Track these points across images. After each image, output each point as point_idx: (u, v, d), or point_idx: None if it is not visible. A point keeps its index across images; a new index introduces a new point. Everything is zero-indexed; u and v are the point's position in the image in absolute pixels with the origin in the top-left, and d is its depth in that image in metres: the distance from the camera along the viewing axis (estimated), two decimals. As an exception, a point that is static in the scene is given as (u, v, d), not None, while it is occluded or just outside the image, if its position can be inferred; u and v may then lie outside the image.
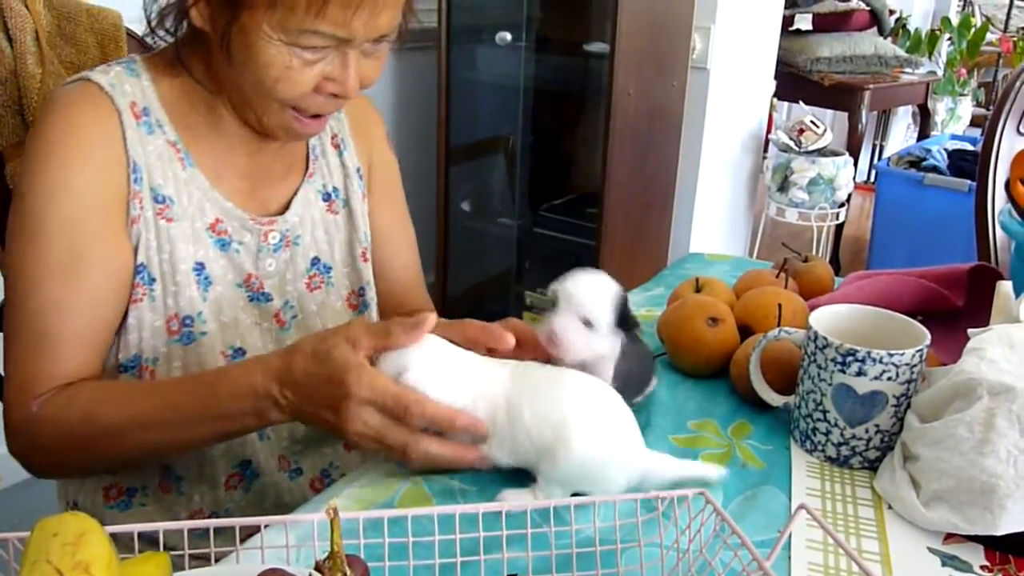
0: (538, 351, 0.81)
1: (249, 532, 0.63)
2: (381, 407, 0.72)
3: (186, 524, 0.57)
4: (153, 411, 0.82)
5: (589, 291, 0.79)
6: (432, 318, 0.74)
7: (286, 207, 0.97)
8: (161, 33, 0.89)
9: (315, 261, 1.00)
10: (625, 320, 0.80)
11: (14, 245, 0.85)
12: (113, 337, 0.88)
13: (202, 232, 0.90)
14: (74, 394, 0.83)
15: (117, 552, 0.48)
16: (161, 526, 0.57)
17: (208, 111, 0.90)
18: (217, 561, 0.59)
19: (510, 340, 0.80)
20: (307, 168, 1.00)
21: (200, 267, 0.90)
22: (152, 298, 0.88)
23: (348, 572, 0.46)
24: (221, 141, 0.92)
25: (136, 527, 0.56)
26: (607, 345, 0.80)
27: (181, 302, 0.89)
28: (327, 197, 1.01)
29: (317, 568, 0.47)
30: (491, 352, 0.80)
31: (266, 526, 0.62)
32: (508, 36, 2.68)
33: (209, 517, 0.95)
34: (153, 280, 0.88)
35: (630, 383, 0.84)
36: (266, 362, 0.79)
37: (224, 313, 0.92)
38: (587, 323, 0.78)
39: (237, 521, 0.58)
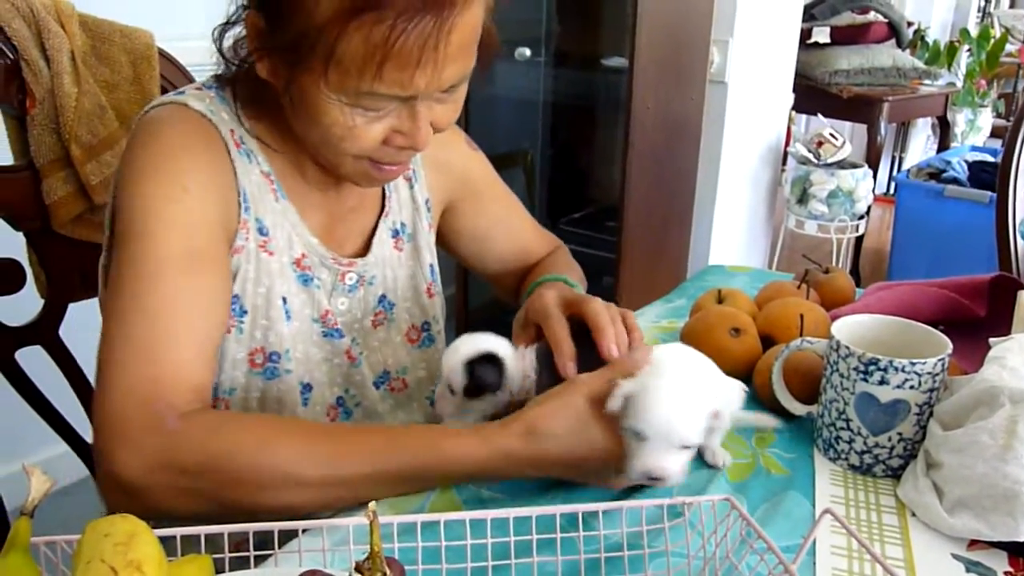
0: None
1: (287, 537, 0.65)
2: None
3: (227, 528, 0.58)
4: (353, 469, 0.73)
5: (450, 361, 0.82)
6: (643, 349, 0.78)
7: (365, 247, 0.97)
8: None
9: (382, 298, 0.99)
10: (481, 387, 0.81)
11: (123, 249, 0.79)
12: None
13: (288, 266, 0.89)
14: (233, 416, 0.80)
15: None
16: (203, 530, 0.58)
17: (289, 150, 0.89)
18: (256, 565, 0.61)
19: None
20: (383, 206, 1.00)
21: (284, 300, 0.89)
22: (240, 330, 0.87)
23: (387, 572, 0.48)
24: (302, 178, 0.92)
25: (179, 531, 0.58)
26: (481, 406, 0.82)
27: (270, 338, 0.88)
28: (395, 233, 1.00)
29: (357, 569, 0.49)
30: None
31: (304, 530, 0.64)
32: (527, 51, 2.71)
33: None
34: (244, 312, 0.87)
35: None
36: (514, 449, 0.73)
37: (298, 348, 0.91)
38: (451, 390, 0.82)
39: (276, 525, 0.59)
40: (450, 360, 0.82)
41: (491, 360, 0.81)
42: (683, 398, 0.72)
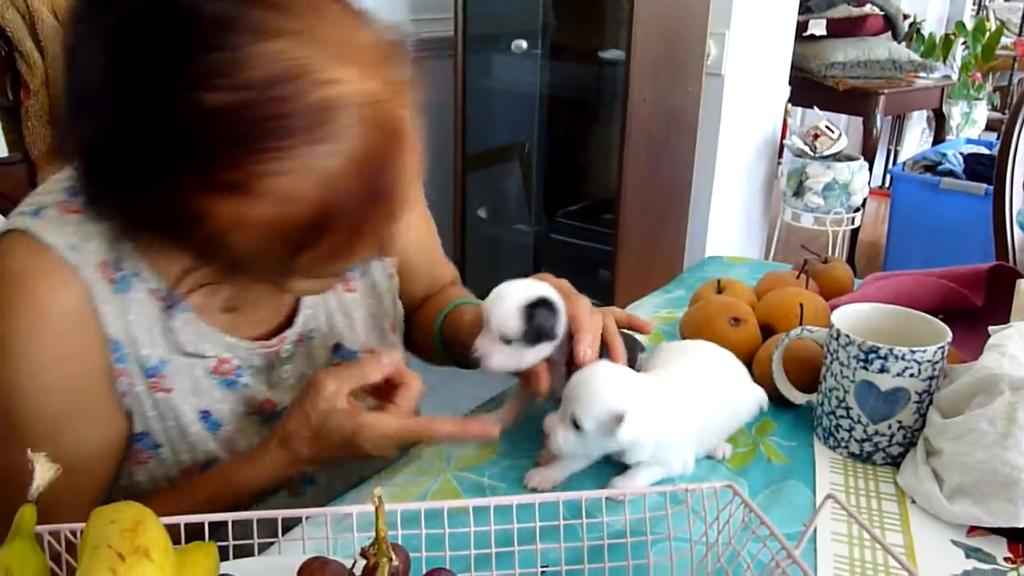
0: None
1: (290, 525, 0.65)
2: (398, 440, 0.77)
3: (231, 516, 0.59)
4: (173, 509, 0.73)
5: (501, 307, 0.78)
6: (395, 357, 0.78)
7: (295, 308, 0.87)
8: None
9: (336, 348, 0.90)
10: (540, 333, 0.79)
11: None
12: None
13: (202, 379, 0.80)
14: None
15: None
16: (207, 518, 0.58)
17: None
18: (260, 552, 0.61)
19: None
20: None
21: (206, 414, 0.81)
22: (161, 459, 0.81)
23: (393, 557, 0.48)
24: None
25: (183, 518, 0.57)
26: (534, 355, 0.80)
27: (198, 455, 0.81)
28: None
29: (362, 554, 0.49)
30: None
31: (307, 518, 0.64)
32: (524, 44, 2.71)
33: None
34: (159, 446, 0.80)
35: None
36: (269, 459, 0.77)
37: (239, 445, 0.83)
38: (505, 339, 0.78)
39: (279, 513, 0.59)
40: (502, 307, 0.78)
41: (547, 304, 0.79)
42: (588, 382, 0.75)
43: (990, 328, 0.83)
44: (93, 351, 0.73)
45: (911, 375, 0.79)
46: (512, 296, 0.79)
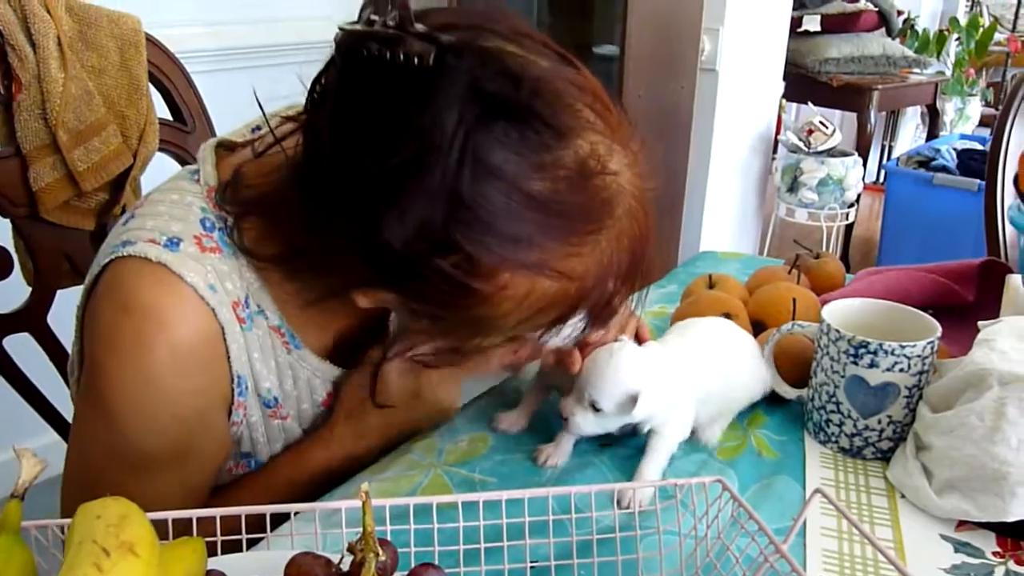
0: None
1: (278, 520, 0.65)
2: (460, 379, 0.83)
3: (218, 511, 0.58)
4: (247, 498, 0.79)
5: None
6: None
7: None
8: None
9: None
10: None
11: (94, 442, 0.74)
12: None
13: (309, 412, 0.83)
14: None
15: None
16: (194, 513, 0.58)
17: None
18: (248, 548, 0.61)
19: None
20: None
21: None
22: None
23: (380, 552, 0.48)
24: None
25: (170, 514, 0.57)
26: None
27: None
28: None
29: (350, 549, 0.49)
30: None
31: (296, 513, 0.64)
32: (518, 39, 2.70)
33: None
34: (260, 462, 0.84)
35: None
36: (338, 435, 0.82)
37: None
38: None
39: (267, 508, 0.59)
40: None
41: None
42: (604, 365, 0.77)
43: (980, 323, 0.83)
44: (222, 385, 0.74)
45: (901, 370, 0.79)
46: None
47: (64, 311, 1.10)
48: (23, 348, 1.07)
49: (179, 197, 0.74)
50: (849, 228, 3.64)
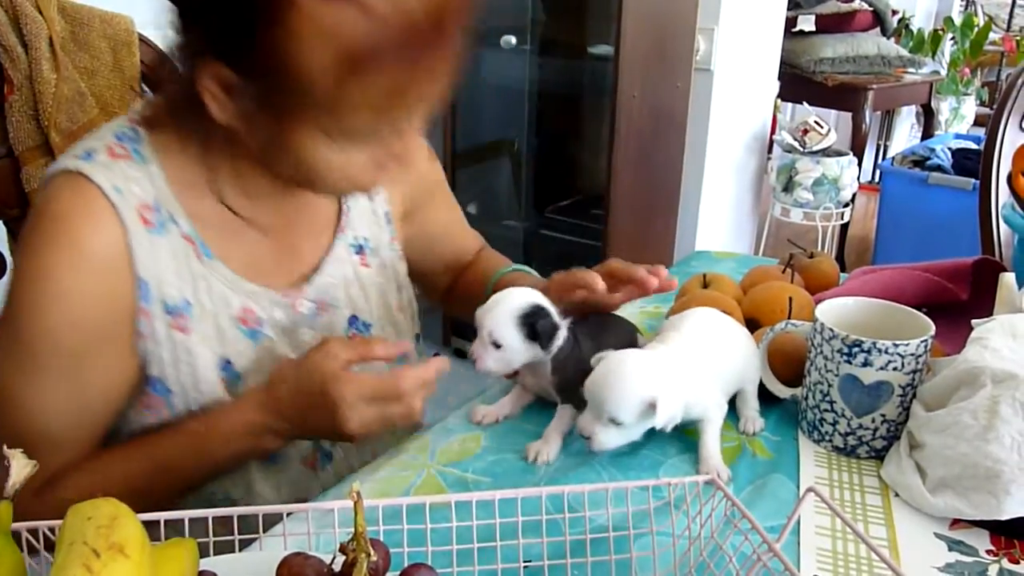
0: (633, 288, 0.88)
1: (271, 521, 0.64)
2: (371, 398, 0.77)
3: (211, 512, 0.58)
4: (143, 476, 0.80)
5: (493, 315, 0.82)
6: (406, 344, 0.85)
7: (316, 268, 0.91)
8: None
9: (353, 320, 0.94)
10: (536, 334, 0.82)
11: (6, 328, 0.77)
12: (103, 433, 0.84)
13: (228, 328, 0.84)
14: (58, 487, 0.79)
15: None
16: (187, 514, 0.58)
17: (227, 179, 0.83)
18: (241, 549, 0.60)
19: (598, 282, 0.86)
20: (338, 222, 0.94)
21: (227, 363, 0.84)
22: (171, 406, 0.83)
23: (372, 552, 0.48)
24: (243, 210, 0.85)
25: (163, 515, 0.57)
26: (526, 356, 0.83)
27: (206, 404, 0.84)
28: (359, 249, 0.96)
29: (341, 550, 0.49)
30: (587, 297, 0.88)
31: (288, 514, 0.64)
32: (513, 40, 2.70)
33: None
34: (170, 391, 0.82)
35: (574, 377, 0.84)
36: (251, 399, 0.82)
37: None
38: (496, 344, 0.82)
39: (260, 509, 0.59)
40: (496, 313, 0.82)
41: (543, 312, 0.83)
42: (615, 378, 0.77)
43: (973, 321, 0.83)
44: (123, 291, 0.77)
45: (894, 368, 0.79)
46: (508, 303, 0.83)
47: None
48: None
49: (111, 123, 0.83)
50: (844, 228, 3.65)
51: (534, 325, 0.82)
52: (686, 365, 0.81)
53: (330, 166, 0.74)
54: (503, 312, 0.82)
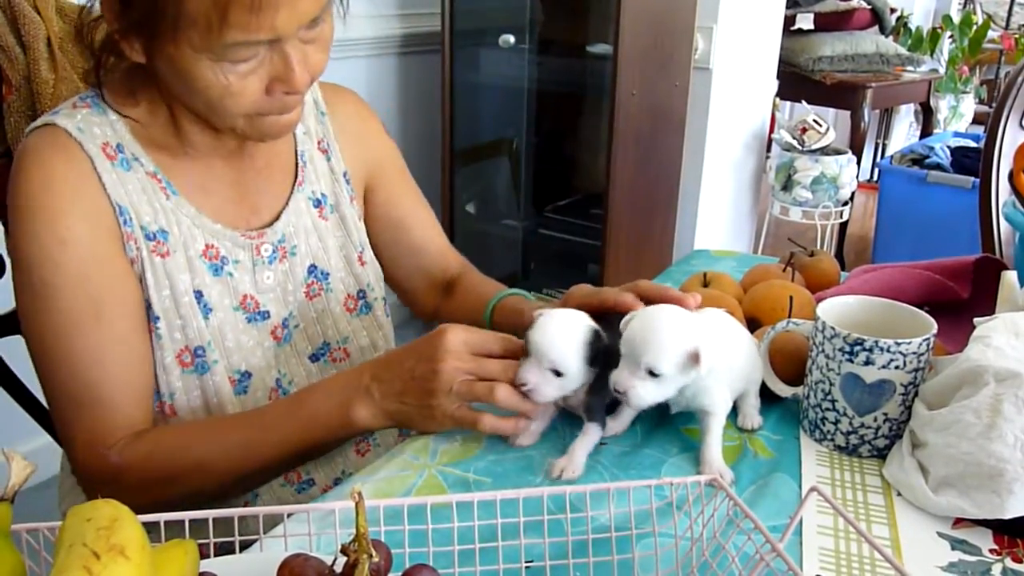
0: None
1: (272, 523, 0.64)
2: (476, 346, 0.81)
3: (211, 513, 0.58)
4: (241, 434, 0.86)
5: (557, 344, 0.78)
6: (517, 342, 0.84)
7: (277, 217, 0.97)
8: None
9: (312, 268, 1.00)
10: (597, 359, 0.79)
11: (27, 308, 0.84)
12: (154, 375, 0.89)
13: (196, 260, 0.90)
14: (158, 438, 0.85)
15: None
16: (187, 515, 0.58)
17: (181, 131, 0.89)
18: (242, 550, 0.60)
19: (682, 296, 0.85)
20: (296, 176, 1.00)
21: (199, 295, 0.90)
22: (158, 335, 0.88)
23: (373, 553, 0.47)
24: (201, 158, 0.92)
25: (163, 516, 0.57)
26: (583, 380, 0.80)
27: (189, 334, 0.89)
28: (317, 203, 1.01)
29: (343, 551, 0.48)
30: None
31: (289, 515, 0.63)
32: (511, 39, 2.70)
33: None
34: (157, 318, 0.88)
35: (605, 393, 0.82)
36: (355, 368, 0.86)
37: (227, 338, 0.92)
38: (557, 372, 0.78)
39: (261, 510, 0.59)
40: (561, 341, 0.78)
41: (601, 337, 0.80)
42: (654, 329, 0.75)
43: (975, 320, 0.83)
44: (104, 214, 0.84)
45: (896, 367, 0.79)
46: (571, 330, 0.79)
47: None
48: (15, 351, 1.07)
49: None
50: (843, 226, 3.65)
51: (597, 351, 0.79)
52: (721, 325, 0.83)
53: (211, 85, 0.77)
54: (569, 340, 0.78)
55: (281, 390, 0.98)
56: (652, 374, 0.75)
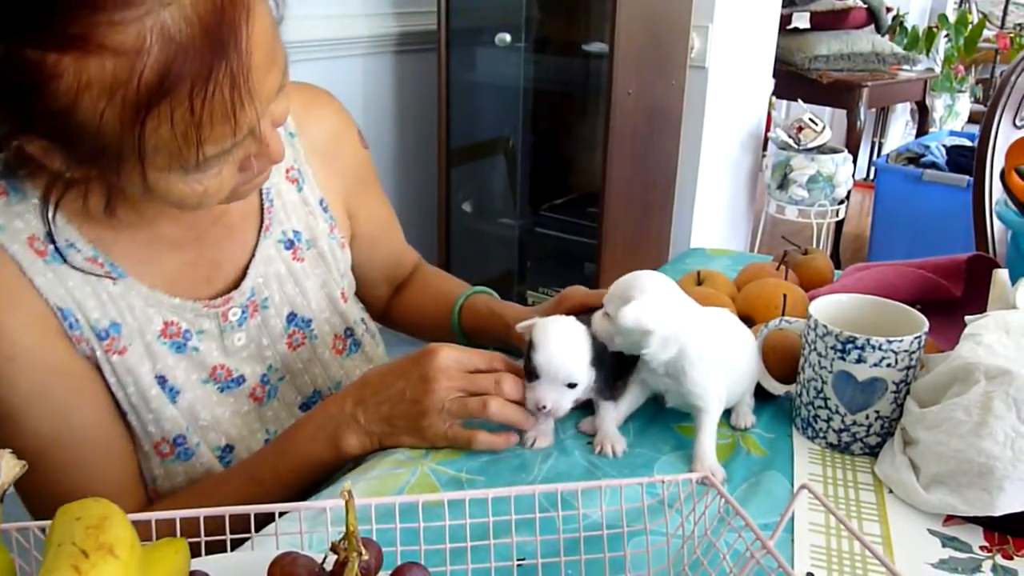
0: None
1: (263, 521, 0.64)
2: (465, 364, 0.81)
3: (202, 512, 0.58)
4: (238, 494, 0.81)
5: (567, 358, 0.79)
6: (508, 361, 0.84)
7: (244, 272, 0.88)
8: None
9: (291, 317, 0.93)
10: (598, 357, 0.80)
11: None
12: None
13: (154, 343, 0.82)
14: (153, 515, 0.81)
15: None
16: (178, 514, 0.58)
17: (111, 208, 0.77)
18: (233, 548, 0.60)
19: None
20: (262, 221, 0.91)
21: (162, 380, 0.83)
22: (132, 428, 0.83)
23: (363, 551, 0.47)
24: (146, 226, 0.82)
25: (154, 515, 0.57)
26: (589, 382, 0.81)
27: (165, 426, 0.83)
28: (290, 245, 0.92)
29: (333, 549, 0.48)
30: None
31: (280, 514, 0.63)
32: (507, 37, 2.70)
33: None
34: (125, 413, 0.82)
35: (611, 374, 0.84)
36: (338, 398, 0.83)
37: (201, 417, 0.86)
38: (571, 385, 0.79)
39: (251, 508, 0.59)
40: (571, 355, 0.79)
41: (594, 337, 0.81)
42: (567, 339, 0.79)
43: (967, 318, 0.83)
44: (43, 317, 0.76)
45: (888, 365, 0.79)
46: (576, 342, 0.79)
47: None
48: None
49: None
50: (839, 225, 3.65)
51: (598, 352, 0.80)
52: (723, 325, 0.84)
53: (185, 195, 0.69)
54: (577, 353, 0.79)
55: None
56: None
